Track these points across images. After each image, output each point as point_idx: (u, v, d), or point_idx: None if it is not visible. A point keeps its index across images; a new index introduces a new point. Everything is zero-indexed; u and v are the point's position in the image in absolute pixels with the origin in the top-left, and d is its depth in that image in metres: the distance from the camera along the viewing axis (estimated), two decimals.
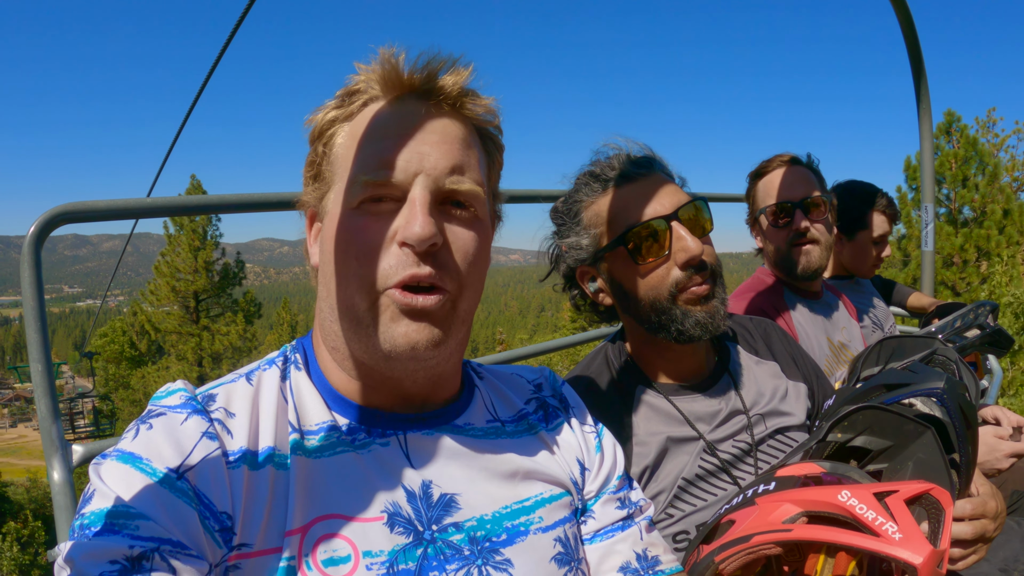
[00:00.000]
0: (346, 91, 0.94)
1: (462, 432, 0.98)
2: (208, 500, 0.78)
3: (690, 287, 1.37)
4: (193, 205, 1.83)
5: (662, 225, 1.36)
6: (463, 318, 0.92)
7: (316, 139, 0.95)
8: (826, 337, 2.29)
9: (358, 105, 0.92)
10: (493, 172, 1.00)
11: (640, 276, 1.39)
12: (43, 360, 1.42)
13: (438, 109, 0.91)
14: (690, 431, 1.43)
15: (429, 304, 0.85)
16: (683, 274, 1.36)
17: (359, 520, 0.84)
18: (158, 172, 4.59)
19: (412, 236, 0.83)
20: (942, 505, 0.97)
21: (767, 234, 2.29)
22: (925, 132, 3.42)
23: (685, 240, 1.34)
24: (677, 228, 1.36)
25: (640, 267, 1.38)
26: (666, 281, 1.37)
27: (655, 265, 1.37)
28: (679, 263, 1.36)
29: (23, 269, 1.44)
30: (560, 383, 1.18)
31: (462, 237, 0.89)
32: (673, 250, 1.36)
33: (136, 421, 0.83)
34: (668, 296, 1.37)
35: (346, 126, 0.93)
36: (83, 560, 0.69)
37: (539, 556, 0.94)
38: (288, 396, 0.91)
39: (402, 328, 0.85)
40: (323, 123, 0.94)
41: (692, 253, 1.34)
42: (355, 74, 0.93)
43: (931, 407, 1.17)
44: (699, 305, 1.37)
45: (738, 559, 1.05)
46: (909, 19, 3.05)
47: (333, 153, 0.93)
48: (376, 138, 0.88)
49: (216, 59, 2.51)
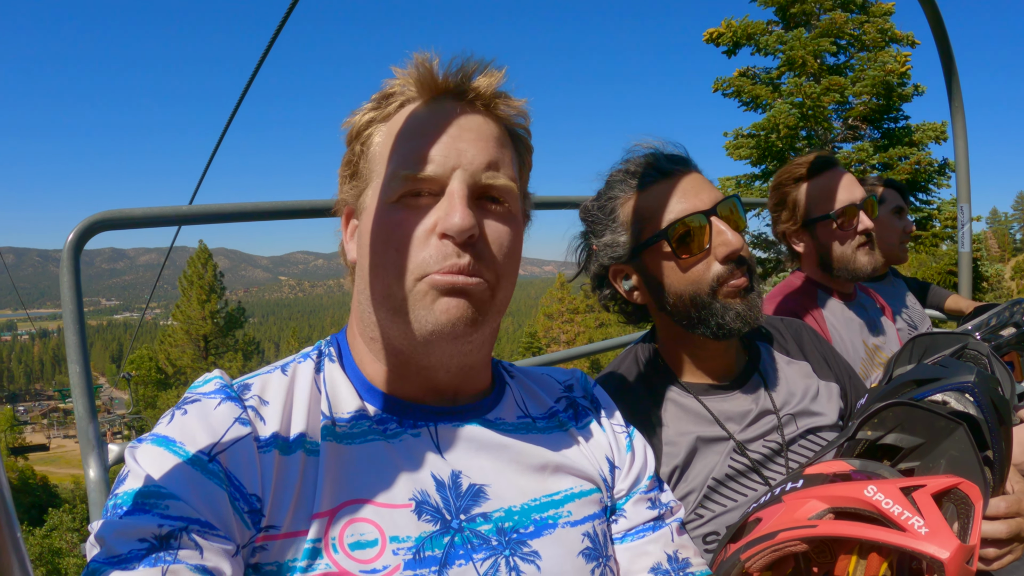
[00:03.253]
0: (382, 94, 0.97)
1: (492, 426, 1.00)
2: (239, 482, 0.80)
3: (730, 280, 1.38)
4: (228, 213, 1.86)
5: (703, 220, 1.37)
6: (499, 307, 0.94)
7: (354, 139, 0.98)
8: (861, 339, 2.24)
9: (395, 107, 0.96)
10: (524, 172, 1.03)
11: (681, 271, 1.40)
12: (81, 361, 1.47)
13: (472, 109, 0.94)
14: (720, 431, 1.43)
15: (471, 284, 0.87)
16: (724, 268, 1.37)
17: (387, 506, 0.86)
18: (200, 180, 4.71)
19: (452, 227, 0.85)
20: (971, 500, 0.95)
21: (828, 239, 2.24)
22: (959, 131, 3.35)
23: (726, 234, 1.36)
24: (717, 223, 1.37)
25: (681, 262, 1.39)
26: (707, 275, 1.38)
27: (696, 260, 1.38)
28: (719, 257, 1.37)
29: (62, 274, 1.50)
30: (592, 384, 1.19)
31: (498, 230, 0.92)
32: (714, 244, 1.37)
33: (172, 408, 0.85)
34: (709, 291, 1.38)
35: (383, 126, 0.96)
36: (113, 538, 0.71)
37: (567, 549, 0.94)
38: (321, 386, 0.94)
39: (442, 305, 0.87)
40: (360, 124, 0.97)
41: (733, 247, 1.35)
42: (391, 78, 0.96)
43: (964, 404, 1.14)
44: (739, 298, 1.38)
45: (764, 557, 1.03)
46: (938, 17, 3.00)
47: (371, 152, 0.96)
48: (414, 135, 0.91)
49: (256, 66, 2.56)
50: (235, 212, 1.84)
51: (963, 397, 1.15)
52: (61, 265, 1.50)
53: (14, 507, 0.64)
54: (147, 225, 1.65)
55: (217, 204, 1.87)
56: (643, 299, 1.52)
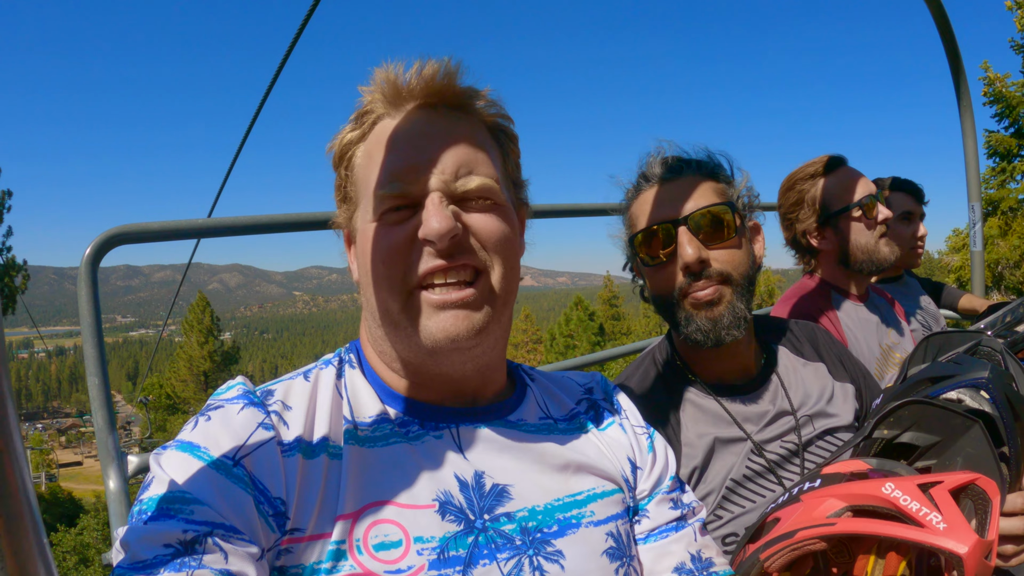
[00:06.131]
0: (358, 113, 0.99)
1: (514, 427, 1.00)
2: (263, 486, 0.81)
3: (692, 292, 1.39)
4: (243, 225, 1.86)
5: (670, 230, 1.39)
6: (503, 299, 0.95)
7: (338, 163, 1.00)
8: (875, 339, 2.23)
9: (369, 124, 0.97)
10: (509, 162, 1.03)
11: (651, 276, 1.46)
12: (100, 374, 1.48)
13: (442, 113, 0.95)
14: (738, 432, 1.43)
15: (464, 296, 0.88)
16: (684, 279, 1.39)
17: (410, 507, 0.86)
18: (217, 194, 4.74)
19: (432, 232, 0.86)
20: (988, 495, 0.95)
21: (851, 232, 2.25)
22: (967, 130, 3.33)
23: (684, 247, 1.37)
24: (683, 234, 1.38)
25: (647, 269, 1.45)
26: (673, 283, 1.41)
27: (661, 268, 1.42)
28: (680, 268, 1.39)
29: (80, 288, 1.52)
30: (612, 387, 1.20)
31: (482, 220, 0.93)
32: (679, 255, 1.38)
33: (196, 415, 0.86)
34: (676, 298, 1.41)
35: (361, 146, 0.98)
36: (138, 544, 0.71)
37: (591, 549, 0.94)
38: (343, 392, 0.95)
39: (439, 323, 0.88)
40: (342, 146, 0.99)
41: (687, 260, 1.36)
42: (362, 96, 0.98)
43: (980, 401, 1.14)
44: (702, 310, 1.39)
45: (783, 556, 1.03)
46: (944, 16, 3.00)
47: (355, 175, 0.98)
48: (388, 153, 0.93)
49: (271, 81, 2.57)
50: (249, 225, 1.85)
51: (978, 394, 1.14)
52: (79, 279, 1.52)
53: (40, 516, 0.65)
54: (163, 239, 1.66)
55: (231, 217, 1.88)
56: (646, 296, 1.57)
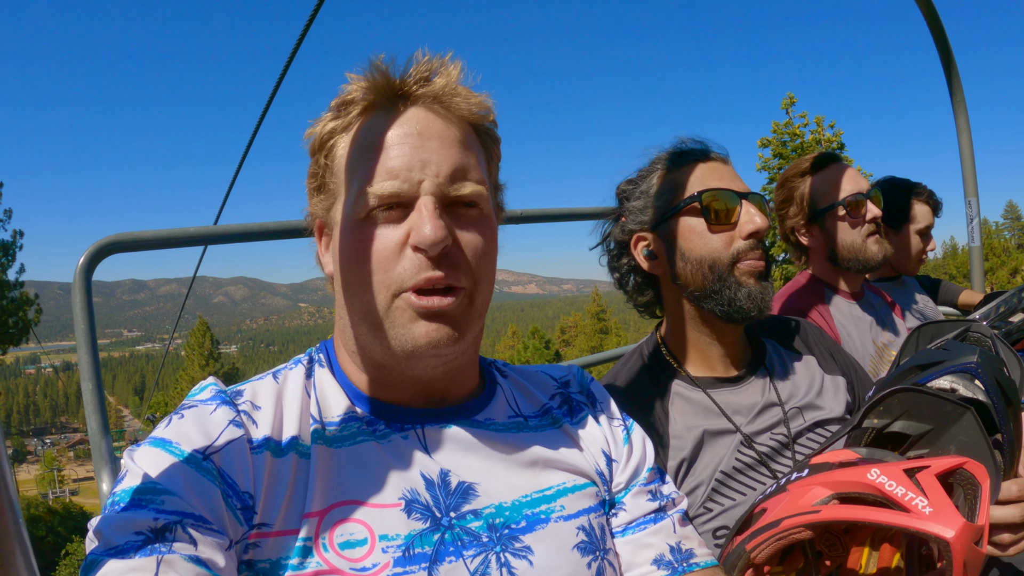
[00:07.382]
0: (341, 101, 0.95)
1: (481, 426, 1.00)
2: (231, 480, 0.82)
3: (750, 258, 1.43)
4: (234, 233, 1.86)
5: (734, 199, 1.44)
6: (479, 312, 0.95)
7: (317, 151, 0.97)
8: (870, 337, 2.22)
9: (355, 115, 0.94)
10: (492, 166, 1.02)
11: (706, 238, 1.45)
12: (93, 379, 1.49)
13: (433, 112, 0.92)
14: (727, 423, 1.43)
15: (446, 305, 0.88)
16: (746, 244, 1.43)
17: (376, 506, 0.87)
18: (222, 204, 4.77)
19: (424, 240, 0.85)
20: (978, 479, 0.94)
21: (837, 230, 2.24)
22: (962, 125, 3.34)
23: (753, 215, 1.43)
24: (748, 204, 1.44)
25: (709, 227, 1.45)
26: (729, 248, 1.44)
27: (722, 230, 1.44)
28: (744, 234, 1.43)
29: (74, 297, 1.53)
30: (588, 380, 1.19)
31: (471, 236, 0.92)
32: (741, 221, 1.43)
33: (171, 414, 0.87)
34: (728, 263, 1.43)
35: (345, 136, 0.95)
36: (110, 531, 0.73)
37: (560, 543, 0.94)
38: (311, 391, 0.95)
39: (421, 329, 0.88)
40: (323, 134, 0.96)
41: (759, 226, 1.42)
42: (348, 83, 0.95)
43: (973, 390, 1.13)
44: (754, 279, 1.43)
45: (769, 545, 1.03)
46: (933, 11, 3.00)
47: (335, 165, 0.95)
48: (377, 148, 0.90)
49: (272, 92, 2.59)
50: (244, 232, 1.85)
51: (971, 383, 1.13)
52: (73, 288, 1.53)
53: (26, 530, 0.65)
54: (157, 247, 1.66)
55: (224, 225, 1.88)
56: (659, 269, 1.55)
